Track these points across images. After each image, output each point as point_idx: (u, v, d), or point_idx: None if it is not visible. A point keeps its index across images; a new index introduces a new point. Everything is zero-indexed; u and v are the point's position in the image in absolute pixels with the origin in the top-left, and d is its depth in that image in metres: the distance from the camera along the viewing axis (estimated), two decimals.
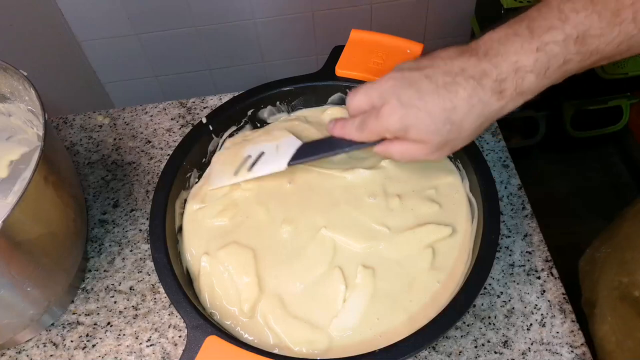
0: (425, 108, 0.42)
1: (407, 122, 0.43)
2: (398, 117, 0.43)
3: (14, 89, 0.55)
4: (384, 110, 0.44)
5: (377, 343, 0.48)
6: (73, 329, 0.57)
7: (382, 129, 0.45)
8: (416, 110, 0.42)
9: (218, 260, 0.54)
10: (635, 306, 0.52)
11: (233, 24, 1.36)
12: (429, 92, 0.42)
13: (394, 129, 0.44)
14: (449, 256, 0.53)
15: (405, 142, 0.45)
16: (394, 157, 0.48)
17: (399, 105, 0.43)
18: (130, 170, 0.68)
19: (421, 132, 0.43)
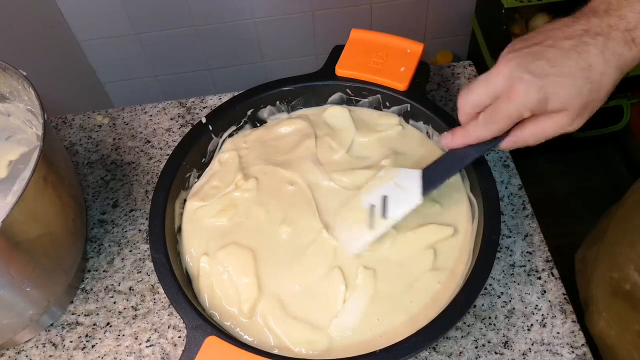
0: (563, 73, 0.41)
1: (547, 91, 0.41)
2: (536, 89, 0.41)
3: (13, 88, 0.55)
4: (517, 88, 0.42)
5: (378, 343, 0.48)
6: (72, 329, 0.57)
7: (519, 109, 0.42)
8: (553, 77, 0.41)
9: (217, 261, 0.54)
10: (629, 300, 0.52)
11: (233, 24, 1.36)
12: (560, 57, 0.41)
13: (533, 104, 0.42)
14: (449, 256, 0.52)
15: (539, 120, 0.43)
16: (529, 142, 0.45)
17: (532, 78, 0.41)
18: (129, 170, 0.68)
19: (563, 98, 0.41)
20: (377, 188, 0.52)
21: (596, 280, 0.57)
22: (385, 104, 0.62)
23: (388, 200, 0.51)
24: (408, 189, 0.51)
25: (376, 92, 0.61)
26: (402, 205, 0.51)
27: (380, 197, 0.52)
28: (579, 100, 0.42)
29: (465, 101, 0.46)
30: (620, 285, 0.53)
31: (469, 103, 0.46)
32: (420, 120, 0.61)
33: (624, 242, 0.53)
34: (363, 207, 0.52)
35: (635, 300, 0.51)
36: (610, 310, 0.55)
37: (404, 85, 0.60)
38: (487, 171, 0.54)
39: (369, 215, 0.51)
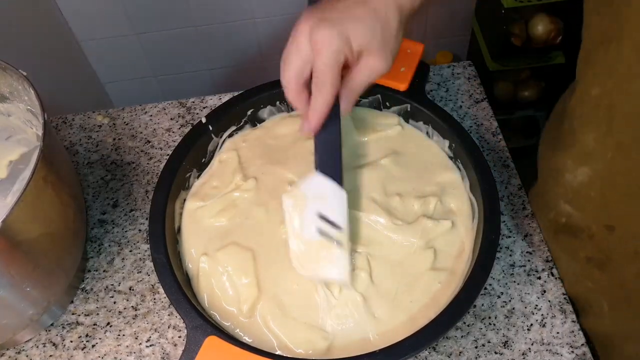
0: (354, 16, 0.45)
1: (346, 33, 0.44)
2: (336, 33, 0.44)
3: (13, 88, 0.55)
4: (320, 39, 0.44)
5: (378, 343, 0.48)
6: (72, 329, 0.57)
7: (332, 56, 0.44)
8: (347, 21, 0.44)
9: (217, 261, 0.54)
10: (568, 231, 0.54)
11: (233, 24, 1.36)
12: (348, 7, 0.45)
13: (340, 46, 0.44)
14: (449, 256, 0.53)
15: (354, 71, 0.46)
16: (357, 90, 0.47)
17: (329, 25, 0.44)
18: (129, 170, 0.68)
19: (362, 36, 0.45)
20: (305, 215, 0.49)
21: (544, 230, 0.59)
22: (385, 103, 0.62)
23: (325, 215, 0.49)
24: (326, 193, 0.48)
25: (376, 92, 0.61)
26: (338, 208, 0.49)
27: (316, 217, 0.49)
28: (376, 39, 0.45)
29: (286, 76, 0.47)
30: (557, 222, 0.55)
31: (290, 75, 0.46)
32: (420, 120, 0.61)
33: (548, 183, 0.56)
34: (315, 238, 0.49)
35: (574, 229, 0.54)
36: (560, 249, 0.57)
37: (404, 85, 0.60)
38: (487, 171, 0.54)
39: (328, 239, 0.49)
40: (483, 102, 0.70)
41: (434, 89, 0.71)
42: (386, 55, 0.46)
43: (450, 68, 0.73)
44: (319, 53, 0.44)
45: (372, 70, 0.46)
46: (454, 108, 0.69)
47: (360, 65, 0.46)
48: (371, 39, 0.45)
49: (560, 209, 0.55)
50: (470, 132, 0.65)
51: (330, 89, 0.45)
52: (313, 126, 0.47)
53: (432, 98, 0.70)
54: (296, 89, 0.47)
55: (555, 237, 0.57)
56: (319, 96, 0.46)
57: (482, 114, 0.68)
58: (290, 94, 0.47)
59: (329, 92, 0.46)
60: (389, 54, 0.46)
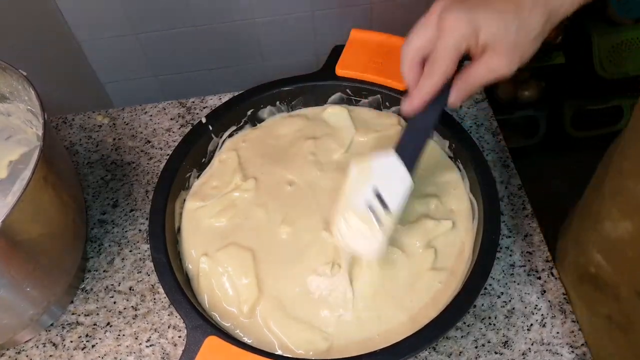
0: (492, 8, 0.42)
1: (476, 23, 0.42)
2: (466, 20, 0.42)
3: (13, 88, 0.55)
4: (448, 22, 0.42)
5: (378, 343, 0.48)
6: (72, 329, 0.57)
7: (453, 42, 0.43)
8: (482, 10, 0.42)
9: (217, 262, 0.54)
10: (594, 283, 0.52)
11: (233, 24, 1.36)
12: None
13: (465, 34, 0.42)
14: (450, 256, 0.53)
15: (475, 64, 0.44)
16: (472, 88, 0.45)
17: (462, 10, 0.42)
18: (129, 170, 0.68)
19: (493, 31, 0.42)
20: (363, 187, 0.50)
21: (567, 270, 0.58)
22: (385, 103, 0.62)
23: (382, 195, 0.49)
24: (394, 176, 0.49)
25: (376, 92, 0.61)
26: (397, 194, 0.49)
27: (373, 194, 0.49)
28: (507, 38, 0.42)
29: (406, 47, 0.46)
30: (586, 270, 0.54)
31: (410, 48, 0.46)
32: None
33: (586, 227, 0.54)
34: (361, 210, 0.49)
35: (600, 283, 0.51)
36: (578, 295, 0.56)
37: (404, 85, 0.60)
38: (487, 171, 0.54)
39: (372, 216, 0.49)
40: (483, 102, 0.70)
41: None
42: (513, 58, 0.43)
43: None
44: (442, 34, 0.43)
45: (492, 70, 0.44)
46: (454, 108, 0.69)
47: (481, 61, 0.44)
48: (502, 36, 0.42)
49: (591, 256, 0.52)
50: (470, 132, 0.65)
51: (441, 73, 0.44)
52: (414, 106, 0.47)
53: None
54: (411, 64, 0.47)
55: (578, 284, 0.55)
56: (428, 77, 0.45)
57: (482, 114, 0.68)
58: (405, 67, 0.47)
59: (440, 76, 0.45)
60: (517, 58, 0.43)
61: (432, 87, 0.45)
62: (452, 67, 0.44)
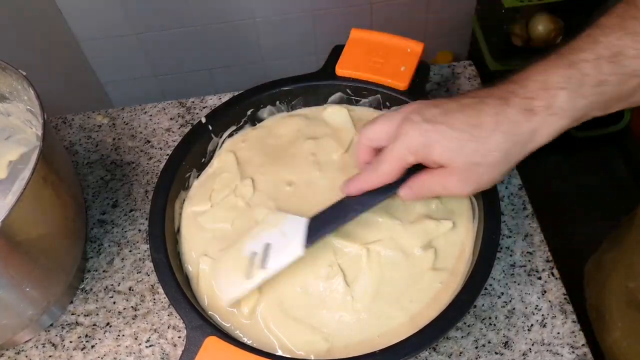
0: (450, 123, 0.40)
1: (430, 137, 0.41)
2: (421, 131, 0.41)
3: (12, 88, 0.55)
4: (405, 127, 0.42)
5: (378, 343, 0.48)
6: (72, 329, 0.57)
7: (402, 149, 0.42)
8: (440, 124, 0.41)
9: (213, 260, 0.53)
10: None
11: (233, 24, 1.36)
12: (454, 110, 0.41)
13: (415, 146, 0.42)
14: (450, 256, 0.52)
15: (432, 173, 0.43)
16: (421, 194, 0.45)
17: (422, 120, 0.41)
18: (129, 170, 0.68)
19: (445, 149, 0.41)
20: (263, 234, 0.51)
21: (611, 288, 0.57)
22: (385, 103, 0.62)
23: (270, 249, 0.49)
24: (291, 239, 0.49)
25: (376, 91, 0.61)
26: (282, 256, 0.49)
27: (263, 244, 0.50)
28: (461, 158, 0.40)
29: (364, 133, 0.46)
30: (635, 296, 0.52)
31: (367, 135, 0.46)
32: None
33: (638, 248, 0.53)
34: (244, 254, 0.50)
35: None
36: (624, 320, 0.55)
37: (404, 84, 0.60)
38: None
39: (247, 264, 0.49)
40: None
41: (434, 88, 0.71)
42: (466, 181, 0.41)
43: (451, 68, 0.73)
44: (396, 138, 0.43)
45: (444, 188, 0.43)
46: None
47: (435, 175, 0.43)
48: (456, 156, 0.40)
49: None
50: None
51: (383, 173, 0.44)
52: (349, 192, 0.47)
53: (433, 98, 0.70)
54: (364, 149, 0.47)
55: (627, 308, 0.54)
56: (371, 172, 0.45)
57: None
58: (359, 150, 0.47)
59: (381, 175, 0.45)
60: (472, 181, 0.41)
61: (367, 182, 0.46)
62: (393, 174, 0.44)
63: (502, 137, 0.39)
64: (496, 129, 0.39)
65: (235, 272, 0.50)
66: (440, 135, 0.40)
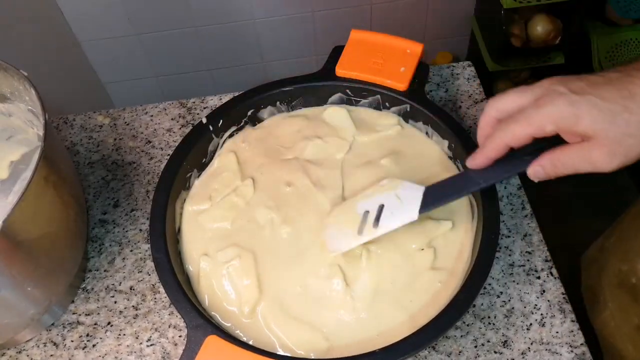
0: (601, 95, 0.38)
1: (579, 107, 0.38)
2: (569, 101, 0.38)
3: (14, 89, 0.55)
4: (549, 97, 0.39)
5: (377, 343, 0.48)
6: (73, 328, 0.57)
7: (542, 117, 0.39)
8: (589, 96, 0.38)
9: (218, 262, 0.54)
10: (632, 292, 0.52)
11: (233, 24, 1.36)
12: (602, 83, 0.39)
13: (563, 116, 0.39)
14: (449, 256, 0.53)
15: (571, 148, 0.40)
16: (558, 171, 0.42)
17: (569, 92, 0.39)
18: (130, 170, 0.68)
19: (595, 120, 0.38)
20: (377, 195, 0.52)
21: (607, 271, 0.57)
22: (384, 104, 0.62)
23: (384, 210, 0.50)
24: (406, 203, 0.49)
25: (376, 92, 0.62)
26: (396, 218, 0.50)
27: (378, 205, 0.51)
28: (612, 130, 0.38)
29: (492, 103, 0.44)
30: (627, 278, 0.53)
31: (496, 106, 0.43)
32: (420, 120, 0.61)
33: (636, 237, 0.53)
34: (357, 211, 0.51)
35: (638, 294, 0.51)
36: (614, 301, 0.55)
37: (403, 85, 0.60)
38: None
39: (361, 221, 0.51)
40: (483, 102, 0.70)
41: (434, 89, 0.72)
42: (616, 154, 0.39)
43: (450, 68, 0.74)
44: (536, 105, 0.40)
45: (590, 162, 0.40)
46: (453, 108, 0.69)
47: (579, 149, 0.40)
48: (607, 128, 0.38)
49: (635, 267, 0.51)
50: (470, 132, 0.65)
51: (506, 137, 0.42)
52: (475, 163, 0.46)
53: (432, 98, 0.70)
54: (489, 120, 0.44)
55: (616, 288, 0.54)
56: (492, 137, 0.43)
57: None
58: (482, 121, 0.45)
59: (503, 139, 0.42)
60: (621, 154, 0.39)
61: (492, 150, 0.43)
62: (525, 137, 0.41)
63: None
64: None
65: (347, 226, 0.51)
66: (592, 106, 0.38)
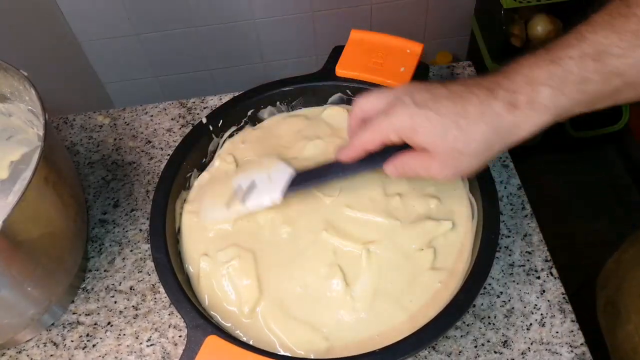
0: (437, 110, 0.42)
1: (417, 120, 0.42)
2: (409, 114, 0.43)
3: (14, 89, 0.55)
4: (396, 108, 0.44)
5: (377, 343, 0.48)
6: (73, 328, 0.57)
7: (388, 127, 0.44)
8: (427, 110, 0.42)
9: (218, 263, 0.54)
10: None
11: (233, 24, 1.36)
12: (443, 96, 0.42)
13: (402, 127, 0.43)
14: (449, 256, 0.53)
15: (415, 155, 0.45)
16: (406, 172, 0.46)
17: (412, 103, 0.43)
18: (130, 170, 0.68)
19: (429, 134, 0.42)
20: (254, 173, 0.54)
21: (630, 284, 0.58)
22: None
23: (254, 188, 0.53)
24: (274, 184, 0.52)
25: None
26: (261, 199, 0.52)
27: (250, 182, 0.53)
28: (443, 144, 0.42)
29: (357, 103, 0.48)
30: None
31: (360, 106, 0.48)
32: None
33: None
34: (232, 185, 0.54)
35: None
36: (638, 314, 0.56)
37: None
38: (486, 171, 0.54)
39: (231, 196, 0.53)
40: None
41: None
42: (447, 166, 0.43)
43: (450, 68, 0.74)
44: (385, 114, 0.44)
45: (428, 171, 0.45)
46: None
47: (421, 157, 0.44)
48: (438, 143, 0.42)
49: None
50: None
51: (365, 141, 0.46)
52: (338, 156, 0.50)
53: None
54: (355, 119, 0.49)
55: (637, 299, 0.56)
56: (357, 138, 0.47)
57: None
58: (350, 119, 0.50)
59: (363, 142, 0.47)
60: (451, 167, 0.43)
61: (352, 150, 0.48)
62: (373, 144, 0.46)
63: (485, 127, 0.41)
64: (480, 120, 0.41)
65: (219, 198, 0.55)
66: (427, 120, 0.42)
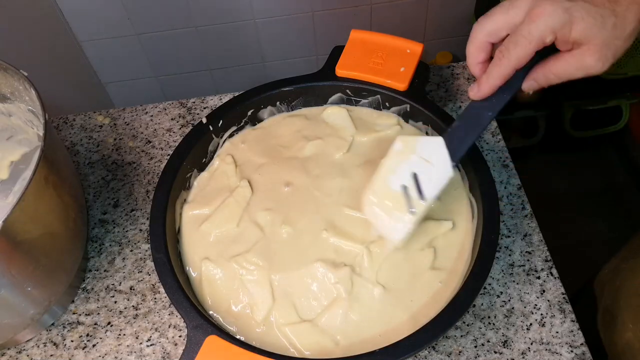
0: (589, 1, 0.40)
1: (572, 14, 0.39)
2: (562, 9, 0.39)
3: (14, 89, 0.55)
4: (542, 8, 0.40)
5: (377, 342, 0.48)
6: (73, 328, 0.57)
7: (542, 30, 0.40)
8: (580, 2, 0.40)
9: (218, 264, 0.54)
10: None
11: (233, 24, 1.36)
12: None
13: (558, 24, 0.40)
14: (449, 256, 0.53)
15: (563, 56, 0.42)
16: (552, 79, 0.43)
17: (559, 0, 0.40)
18: (130, 170, 0.68)
19: (587, 25, 0.39)
20: (403, 165, 0.48)
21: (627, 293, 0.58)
22: (384, 104, 0.62)
23: (419, 178, 0.47)
24: (436, 162, 0.47)
25: (376, 92, 0.62)
26: (435, 182, 0.47)
27: (410, 175, 0.47)
28: (602, 34, 0.40)
29: (480, 27, 0.43)
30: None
31: (485, 28, 0.43)
32: (420, 120, 0.61)
33: None
34: (394, 189, 0.48)
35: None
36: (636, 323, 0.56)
37: (403, 85, 0.60)
38: (486, 171, 0.54)
39: (404, 198, 0.47)
40: None
41: (434, 89, 0.72)
42: (606, 55, 0.41)
43: (450, 68, 0.74)
44: (531, 20, 0.40)
45: (584, 67, 0.42)
46: (453, 108, 0.69)
47: (571, 56, 0.42)
48: (598, 31, 0.40)
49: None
50: None
51: (513, 61, 0.42)
52: (481, 94, 0.45)
53: (432, 98, 0.70)
54: (480, 45, 0.44)
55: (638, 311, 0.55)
56: (498, 64, 0.43)
57: None
58: (472, 47, 0.45)
59: (511, 64, 0.42)
60: (610, 55, 0.41)
61: (500, 75, 0.43)
62: (529, 55, 0.42)
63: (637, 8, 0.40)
64: (632, 2, 0.40)
65: (396, 209, 0.48)
66: (584, 11, 0.40)
